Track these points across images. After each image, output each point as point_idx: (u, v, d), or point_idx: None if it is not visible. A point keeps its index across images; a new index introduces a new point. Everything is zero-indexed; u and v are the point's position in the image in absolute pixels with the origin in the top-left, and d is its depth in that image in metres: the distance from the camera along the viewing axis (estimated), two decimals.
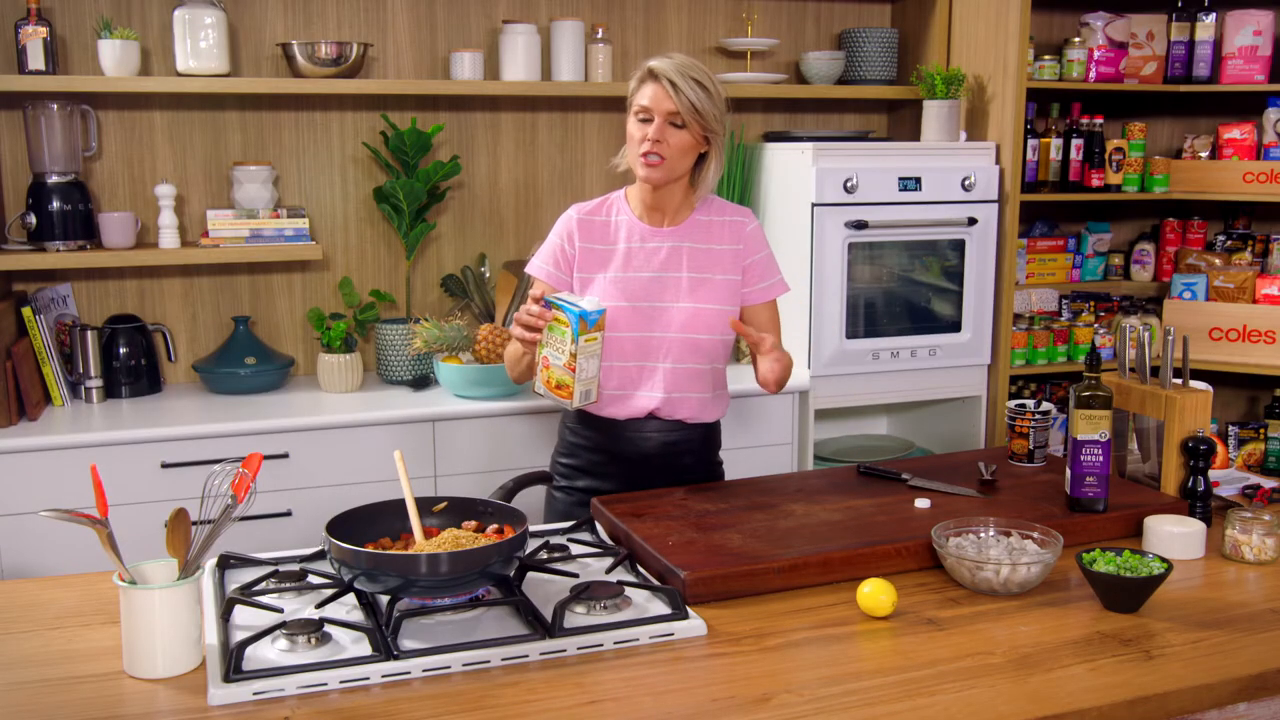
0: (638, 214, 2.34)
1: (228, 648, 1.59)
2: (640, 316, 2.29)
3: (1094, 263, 3.99)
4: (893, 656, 1.62)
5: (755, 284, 2.36)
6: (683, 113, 2.18)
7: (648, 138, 2.20)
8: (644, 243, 2.32)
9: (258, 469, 1.66)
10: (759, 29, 3.75)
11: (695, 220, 2.34)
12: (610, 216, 2.35)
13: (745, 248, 2.35)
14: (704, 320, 2.30)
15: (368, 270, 3.47)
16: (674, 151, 2.21)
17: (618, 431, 2.34)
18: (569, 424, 2.44)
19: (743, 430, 3.27)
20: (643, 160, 2.22)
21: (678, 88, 2.17)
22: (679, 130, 2.20)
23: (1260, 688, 1.59)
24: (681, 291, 2.30)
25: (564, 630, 1.64)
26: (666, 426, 2.34)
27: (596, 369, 2.11)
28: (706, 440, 2.42)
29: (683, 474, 2.37)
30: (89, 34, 3.14)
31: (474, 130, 3.51)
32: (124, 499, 2.73)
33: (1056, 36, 3.92)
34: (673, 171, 2.23)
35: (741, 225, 2.36)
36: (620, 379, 2.31)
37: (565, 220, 2.36)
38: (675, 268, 2.31)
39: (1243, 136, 3.73)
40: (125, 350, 3.14)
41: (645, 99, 2.21)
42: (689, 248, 2.32)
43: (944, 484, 2.27)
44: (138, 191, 3.24)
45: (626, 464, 2.35)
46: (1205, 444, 2.16)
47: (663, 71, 2.19)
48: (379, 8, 3.37)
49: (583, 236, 2.33)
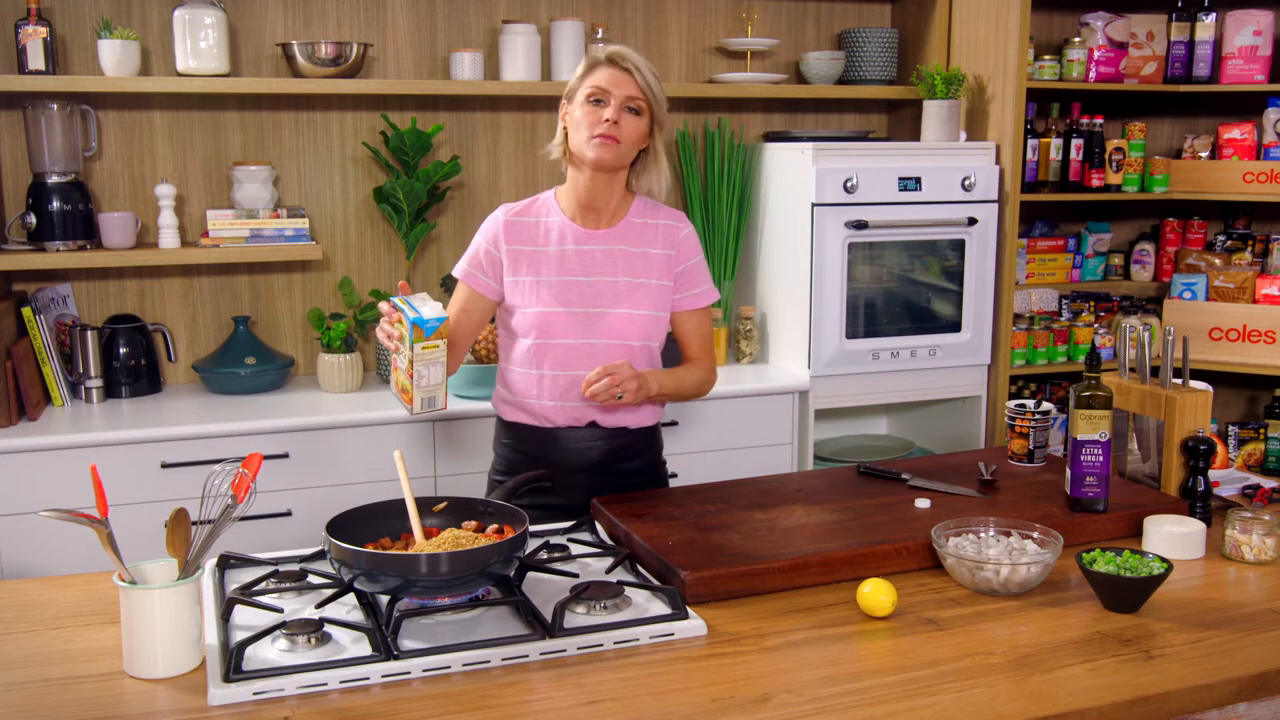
0: (570, 214, 2.27)
1: (228, 648, 1.59)
2: (576, 323, 2.23)
3: (1094, 263, 3.99)
4: (893, 656, 1.62)
5: (687, 290, 2.31)
6: (645, 95, 2.17)
7: (605, 119, 2.14)
8: (578, 245, 2.25)
9: (258, 469, 1.66)
10: (759, 29, 3.75)
11: (630, 222, 2.28)
12: (540, 217, 2.28)
13: (678, 253, 2.30)
14: (640, 326, 2.25)
15: (368, 270, 3.47)
16: (629, 136, 2.17)
17: (557, 442, 2.28)
18: (504, 440, 2.36)
19: (743, 430, 3.27)
20: (598, 140, 2.15)
21: (640, 69, 2.16)
22: (635, 116, 2.17)
23: (1260, 688, 1.59)
24: (618, 296, 2.25)
25: (564, 630, 1.64)
26: (608, 434, 2.29)
27: (440, 377, 2.03)
28: (650, 442, 2.38)
29: (628, 478, 2.32)
30: (89, 34, 3.14)
31: (474, 130, 3.51)
32: (124, 499, 2.73)
33: (1056, 36, 3.92)
34: (624, 158, 2.20)
35: (675, 230, 2.30)
36: (558, 387, 2.24)
37: (492, 222, 2.29)
38: (610, 271, 2.25)
39: (1243, 136, 3.73)
40: (125, 350, 3.14)
41: (602, 81, 2.16)
42: (623, 250, 2.26)
43: (944, 484, 2.27)
44: (138, 191, 3.24)
45: (569, 474, 2.27)
46: (1205, 444, 2.16)
47: (625, 56, 2.17)
48: (379, 8, 3.37)
49: (510, 238, 2.26)
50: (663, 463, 2.44)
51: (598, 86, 2.16)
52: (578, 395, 2.21)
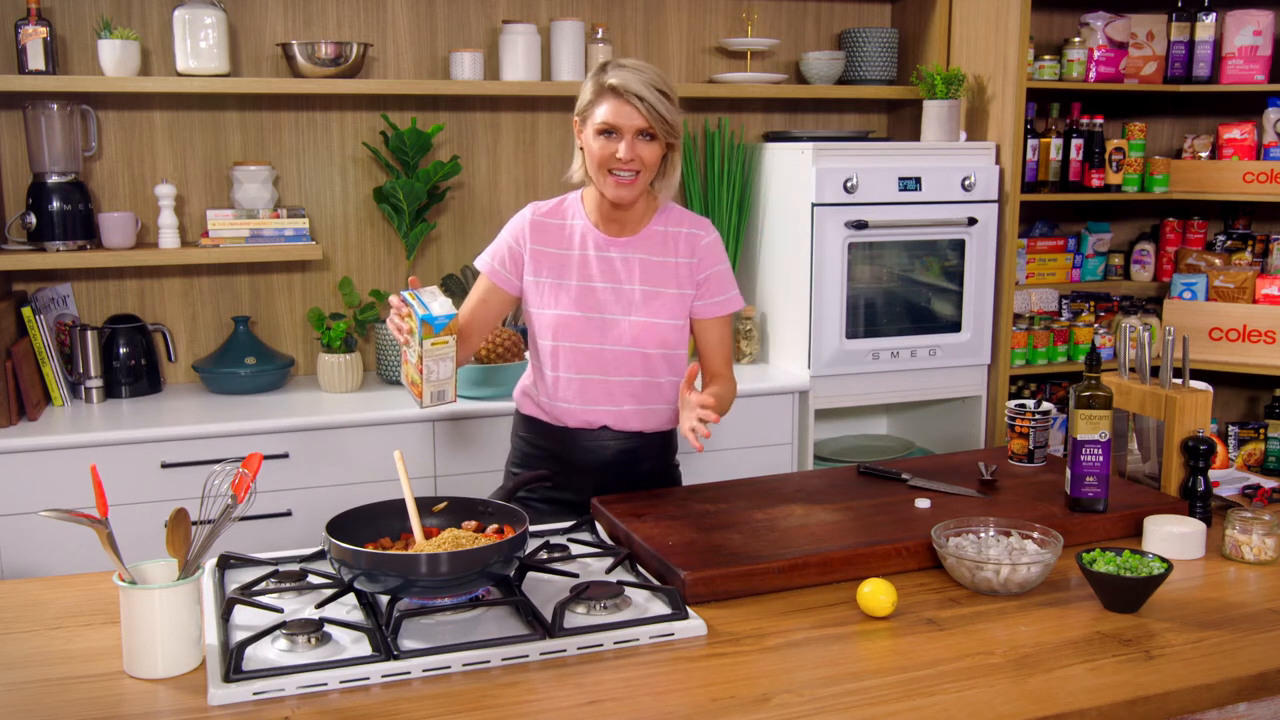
0: (594, 220, 2.27)
1: (228, 648, 1.59)
2: (592, 328, 2.24)
3: (1094, 263, 3.99)
4: (893, 656, 1.62)
5: (710, 298, 2.29)
6: (654, 126, 2.12)
7: (619, 156, 2.12)
8: (600, 251, 2.26)
9: (258, 469, 1.66)
10: (759, 29, 3.75)
11: (652, 230, 2.27)
12: (567, 220, 2.29)
13: (701, 260, 2.28)
14: (656, 334, 2.25)
15: (368, 270, 3.47)
16: (647, 164, 2.15)
17: (573, 441, 2.31)
18: (521, 433, 2.40)
19: (743, 430, 3.27)
20: (613, 181, 2.15)
21: (646, 100, 2.10)
22: (649, 142, 2.14)
23: (1260, 688, 1.59)
24: (633, 304, 2.25)
25: (564, 630, 1.64)
26: (621, 436, 2.30)
27: (449, 371, 2.05)
28: (664, 446, 2.39)
29: (640, 480, 2.33)
30: (89, 34, 3.14)
31: (474, 130, 3.51)
32: (124, 499, 2.73)
33: (1056, 36, 3.92)
34: (643, 187, 2.19)
35: (698, 238, 2.28)
36: (573, 391, 2.26)
37: (520, 219, 2.30)
38: (629, 279, 2.25)
39: (1243, 136, 3.73)
40: (125, 350, 3.14)
41: (609, 116, 2.12)
42: (642, 259, 2.26)
43: (944, 484, 2.27)
44: (138, 191, 3.24)
45: (583, 473, 2.30)
46: (1205, 444, 2.16)
47: (628, 87, 2.10)
48: (379, 8, 3.37)
49: (536, 239, 2.27)
50: (675, 465, 2.45)
51: (607, 122, 2.13)
52: (590, 399, 2.25)
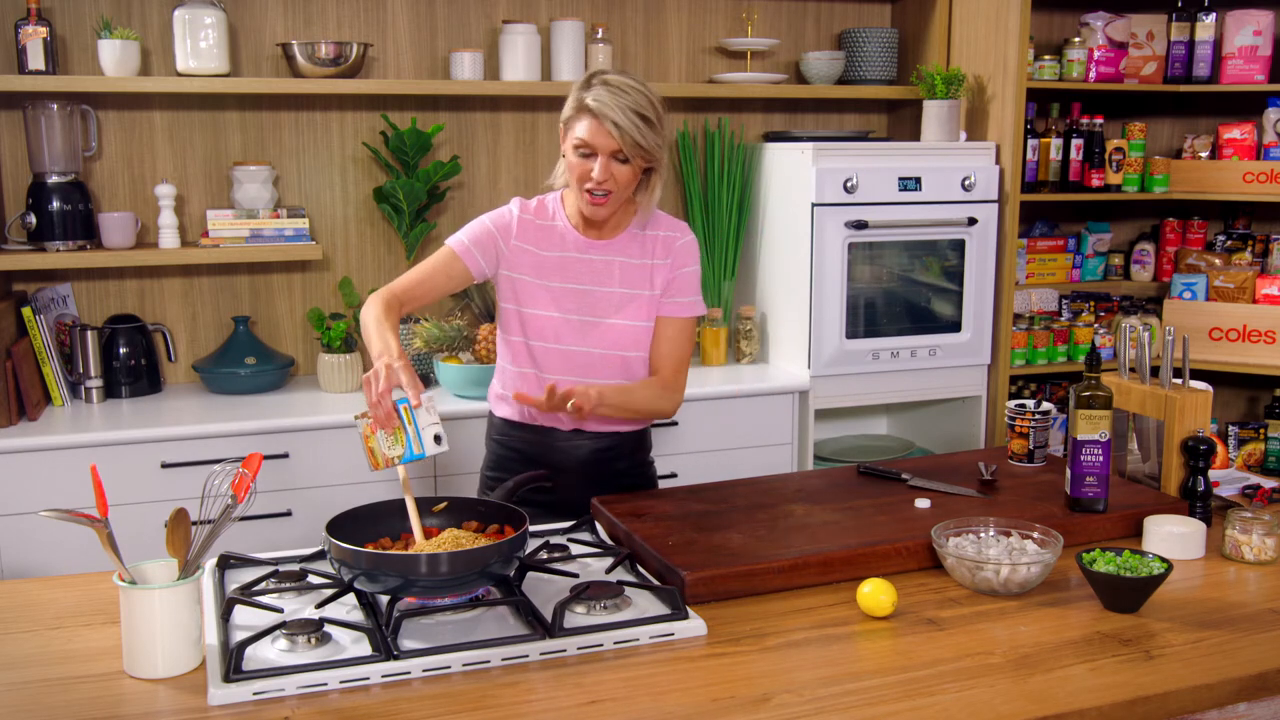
0: (574, 223, 2.27)
1: (228, 648, 1.59)
2: (571, 329, 2.24)
3: (1094, 263, 3.99)
4: (893, 656, 1.62)
5: (675, 296, 2.27)
6: (626, 150, 2.08)
7: (592, 176, 2.10)
8: (580, 253, 2.25)
9: (258, 469, 1.66)
10: (759, 29, 3.75)
11: (631, 233, 2.27)
12: (551, 220, 2.28)
13: (674, 260, 2.27)
14: (633, 337, 2.25)
15: (368, 270, 3.47)
16: (620, 186, 2.13)
17: (549, 441, 2.30)
18: (495, 436, 2.39)
19: (743, 430, 3.27)
20: (588, 199, 2.13)
21: (620, 127, 2.06)
22: (624, 165, 2.12)
23: (1260, 688, 1.59)
24: (614, 307, 2.25)
25: (564, 630, 1.64)
26: (598, 436, 2.30)
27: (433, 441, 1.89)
28: (638, 444, 2.39)
29: (616, 479, 2.33)
30: (89, 34, 3.14)
31: (474, 130, 3.51)
32: (124, 499, 2.73)
33: (1056, 36, 3.92)
34: (618, 203, 2.18)
35: (674, 239, 2.27)
36: None
37: (507, 213, 2.27)
38: (608, 282, 2.25)
39: (1243, 136, 3.73)
40: (125, 350, 3.14)
41: (585, 133, 2.09)
42: (621, 262, 2.26)
43: (944, 484, 2.27)
44: (138, 191, 3.24)
45: (559, 473, 2.28)
46: (1205, 444, 2.16)
47: (603, 112, 2.06)
48: (379, 8, 3.37)
49: (522, 236, 2.25)
50: (650, 463, 2.45)
51: (582, 140, 2.10)
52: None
